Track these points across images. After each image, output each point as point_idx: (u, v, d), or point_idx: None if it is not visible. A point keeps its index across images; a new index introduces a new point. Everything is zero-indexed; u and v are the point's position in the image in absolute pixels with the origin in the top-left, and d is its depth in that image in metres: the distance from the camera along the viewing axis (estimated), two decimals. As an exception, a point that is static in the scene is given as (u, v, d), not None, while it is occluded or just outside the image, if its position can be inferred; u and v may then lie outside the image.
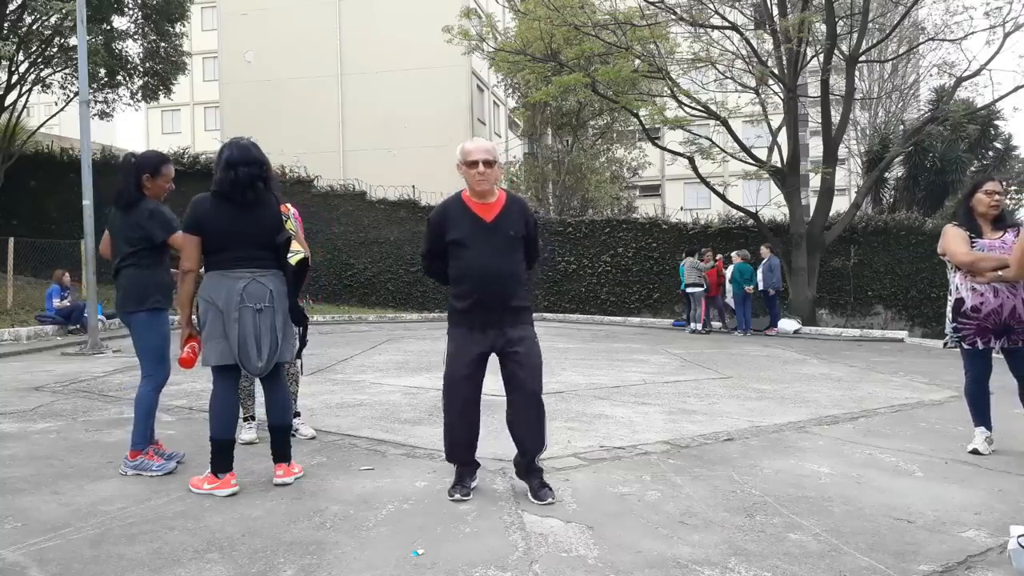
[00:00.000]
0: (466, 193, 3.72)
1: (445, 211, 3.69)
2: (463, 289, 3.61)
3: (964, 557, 2.98)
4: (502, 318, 3.58)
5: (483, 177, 3.60)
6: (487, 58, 21.04)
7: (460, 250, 3.61)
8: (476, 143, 3.70)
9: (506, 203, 3.70)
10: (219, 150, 3.80)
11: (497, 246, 3.59)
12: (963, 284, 4.58)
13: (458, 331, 3.65)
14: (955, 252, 4.54)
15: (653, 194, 37.06)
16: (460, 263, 3.62)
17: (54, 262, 14.39)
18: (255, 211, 3.71)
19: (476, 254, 3.57)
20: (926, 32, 19.78)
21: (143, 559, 2.89)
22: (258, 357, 3.68)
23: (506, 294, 3.58)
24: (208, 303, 3.67)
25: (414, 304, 19.05)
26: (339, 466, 4.25)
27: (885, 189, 23.71)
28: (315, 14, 26.87)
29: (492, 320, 3.57)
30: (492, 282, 3.56)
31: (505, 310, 3.59)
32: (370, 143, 25.75)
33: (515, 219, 3.67)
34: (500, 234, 3.61)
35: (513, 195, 3.82)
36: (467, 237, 3.59)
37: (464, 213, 3.64)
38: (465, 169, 3.65)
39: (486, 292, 3.56)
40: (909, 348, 12.91)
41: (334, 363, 8.88)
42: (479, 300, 3.56)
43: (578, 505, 3.60)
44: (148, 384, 4.10)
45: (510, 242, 3.63)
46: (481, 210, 3.64)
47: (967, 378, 4.74)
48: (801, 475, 4.18)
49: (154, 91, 18.77)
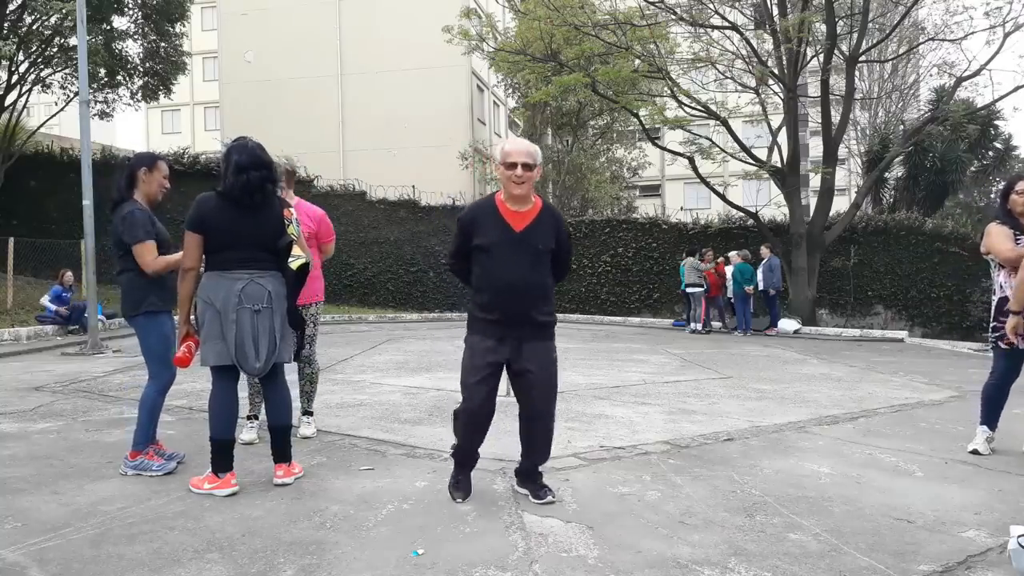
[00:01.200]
0: (500, 196, 3.55)
1: (476, 213, 3.55)
2: (484, 299, 3.48)
3: (964, 557, 2.98)
4: (521, 332, 3.46)
5: (521, 180, 3.43)
6: (487, 58, 21.05)
7: (484, 258, 3.47)
8: (516, 143, 3.52)
9: (540, 213, 3.52)
10: (225, 153, 3.78)
11: (523, 258, 3.44)
12: (1007, 282, 4.50)
13: (474, 338, 3.53)
14: (1000, 250, 4.47)
15: (653, 194, 37.05)
16: (483, 271, 3.49)
17: (54, 262, 14.40)
18: (259, 213, 3.72)
19: (500, 264, 3.43)
20: (926, 32, 19.80)
21: (143, 559, 2.88)
22: (256, 358, 3.68)
23: (528, 309, 3.45)
24: (206, 303, 3.68)
25: (414, 304, 19.05)
26: (339, 466, 4.25)
27: (885, 189, 23.72)
28: (315, 14, 26.88)
29: (510, 333, 3.45)
30: (514, 295, 3.43)
31: (525, 324, 3.46)
32: (370, 143, 25.76)
33: (546, 231, 3.50)
34: (528, 246, 3.45)
35: (550, 206, 3.65)
36: (493, 245, 3.44)
37: (494, 219, 3.48)
38: (503, 170, 3.48)
39: (507, 305, 3.43)
40: (909, 348, 12.91)
41: (334, 363, 8.88)
42: (499, 312, 3.44)
43: (578, 505, 3.60)
44: (153, 385, 4.10)
45: (537, 255, 3.47)
46: (512, 218, 3.48)
47: (991, 377, 4.67)
48: (801, 475, 4.18)
49: (154, 91, 18.78)
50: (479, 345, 3.49)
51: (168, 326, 4.14)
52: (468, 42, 19.09)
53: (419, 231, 19.15)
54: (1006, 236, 4.48)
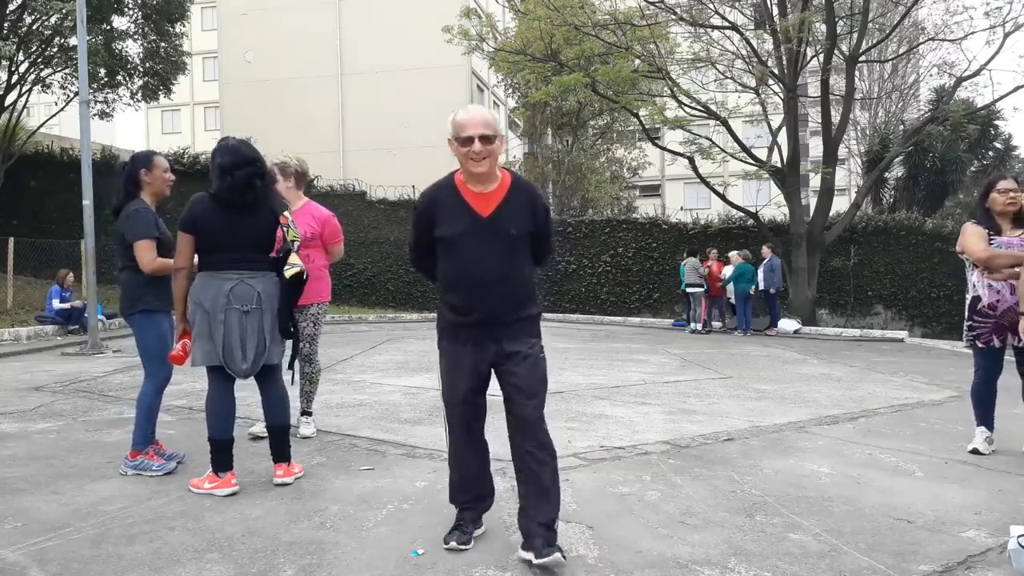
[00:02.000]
0: (460, 176, 2.99)
1: (434, 199, 2.99)
2: (454, 299, 2.98)
3: (964, 557, 2.98)
4: (502, 332, 2.94)
5: (480, 156, 2.86)
6: (487, 58, 21.04)
7: (450, 250, 2.95)
8: (471, 112, 2.93)
9: (509, 192, 2.97)
10: (211, 156, 3.79)
11: (495, 248, 2.91)
12: (980, 282, 4.57)
13: (449, 345, 3.03)
14: (973, 249, 4.52)
15: (653, 194, 37.06)
16: (450, 267, 2.98)
17: (54, 262, 14.39)
18: (252, 213, 3.71)
19: (469, 257, 2.91)
20: (926, 32, 19.81)
21: (143, 559, 2.88)
22: (243, 359, 3.67)
23: (506, 306, 2.93)
24: (196, 304, 3.68)
25: (414, 304, 19.05)
26: (339, 466, 4.25)
27: (885, 189, 23.74)
28: (315, 14, 26.86)
29: (489, 335, 2.94)
30: (488, 292, 2.90)
31: (505, 324, 2.94)
32: (370, 143, 25.75)
33: (519, 212, 2.96)
34: (499, 233, 2.91)
35: (519, 180, 3.07)
36: (458, 235, 2.91)
37: (456, 204, 2.94)
38: (457, 147, 2.91)
39: (481, 304, 2.92)
40: (909, 348, 12.91)
41: (334, 363, 8.88)
42: (473, 313, 2.94)
43: (578, 505, 3.60)
44: (149, 384, 4.11)
45: (511, 242, 2.93)
46: (477, 201, 2.94)
47: (976, 377, 4.71)
48: (801, 475, 4.18)
49: (154, 91, 18.78)
50: (455, 353, 3.00)
51: (165, 325, 4.14)
52: (468, 42, 19.09)
53: (419, 231, 19.16)
54: (980, 236, 4.53)
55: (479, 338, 2.96)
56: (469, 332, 2.97)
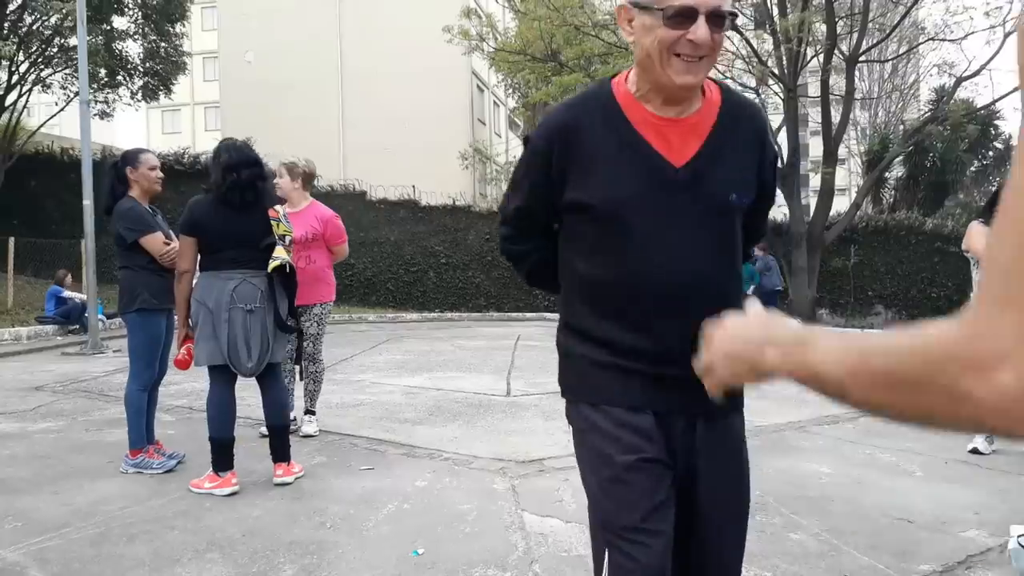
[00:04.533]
0: (626, 87, 1.56)
1: (574, 125, 1.55)
2: (612, 325, 1.56)
3: (964, 557, 2.98)
4: (695, 395, 1.26)
5: (698, 55, 1.43)
6: (487, 58, 21.05)
7: (607, 230, 1.54)
8: None
9: (719, 120, 1.55)
10: (214, 153, 3.82)
11: (696, 227, 1.53)
12: None
13: (600, 417, 1.58)
14: (979, 248, 4.55)
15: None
16: (605, 262, 1.55)
17: (54, 262, 14.39)
18: (251, 212, 3.73)
19: (646, 242, 1.51)
20: (926, 32, 19.77)
21: (143, 559, 2.88)
22: (248, 358, 3.69)
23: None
24: (199, 304, 3.70)
25: (414, 304, 19.04)
26: (339, 466, 4.25)
27: (885, 189, 23.73)
28: (315, 14, 26.86)
29: (675, 398, 1.53)
30: (681, 309, 1.47)
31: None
32: (370, 143, 25.74)
33: (740, 161, 1.58)
34: (705, 199, 1.53)
35: (735, 97, 1.63)
36: (625, 201, 1.52)
37: (622, 140, 1.53)
38: (648, 28, 1.44)
39: (668, 332, 1.50)
40: (909, 348, 12.89)
41: (334, 363, 8.86)
42: (650, 347, 1.52)
43: (578, 505, 3.59)
44: (133, 383, 4.14)
45: (726, 217, 1.58)
46: (665, 137, 1.52)
47: None
48: (801, 475, 4.18)
49: (154, 91, 18.77)
50: (616, 431, 1.54)
51: (160, 327, 4.14)
52: (468, 42, 19.10)
53: (419, 231, 19.13)
54: (985, 235, 4.53)
55: (667, 399, 1.54)
56: (644, 389, 1.54)
